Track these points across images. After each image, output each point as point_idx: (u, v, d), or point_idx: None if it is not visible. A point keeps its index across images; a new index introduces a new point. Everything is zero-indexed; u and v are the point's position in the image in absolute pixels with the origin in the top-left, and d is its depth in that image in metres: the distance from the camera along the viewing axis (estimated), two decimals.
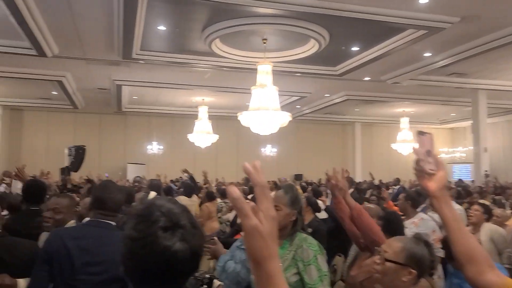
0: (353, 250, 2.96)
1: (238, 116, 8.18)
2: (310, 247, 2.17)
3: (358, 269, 2.60)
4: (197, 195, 7.33)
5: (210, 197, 6.71)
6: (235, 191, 0.82)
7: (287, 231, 2.21)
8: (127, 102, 14.90)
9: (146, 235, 0.98)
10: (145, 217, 1.00)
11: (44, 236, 2.68)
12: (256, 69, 8.23)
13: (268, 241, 0.82)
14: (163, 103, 15.38)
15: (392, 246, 1.77)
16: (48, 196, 3.68)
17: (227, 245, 3.93)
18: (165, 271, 0.98)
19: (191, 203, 6.44)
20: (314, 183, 12.97)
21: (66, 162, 13.65)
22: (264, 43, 8.22)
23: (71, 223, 2.55)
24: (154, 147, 17.45)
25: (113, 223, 2.17)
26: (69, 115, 16.83)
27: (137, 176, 7.01)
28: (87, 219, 2.38)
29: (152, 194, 4.12)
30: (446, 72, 10.68)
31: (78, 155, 13.87)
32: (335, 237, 4.27)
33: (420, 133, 1.36)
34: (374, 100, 14.21)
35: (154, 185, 4.98)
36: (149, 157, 17.42)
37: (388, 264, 1.72)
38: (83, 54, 9.42)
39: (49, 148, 16.58)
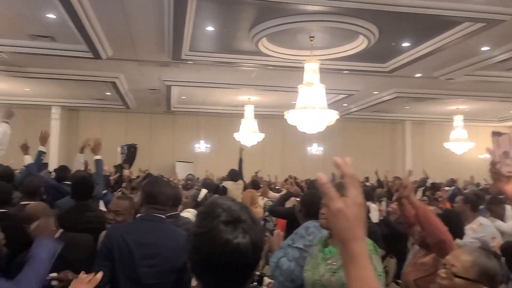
0: (411, 255, 2.86)
1: (285, 115, 8.16)
2: None
3: (413, 267, 2.50)
4: (242, 180, 7.46)
5: (255, 185, 6.86)
6: (322, 177, 0.91)
7: None
8: (176, 102, 15.30)
9: (209, 229, 1.02)
10: (208, 214, 1.05)
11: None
12: (302, 67, 8.17)
13: (352, 223, 0.89)
14: (210, 102, 15.64)
15: (461, 259, 1.65)
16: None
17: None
18: (229, 264, 1.01)
19: (236, 186, 6.60)
20: (362, 182, 12.69)
21: (119, 160, 14.25)
22: (311, 40, 8.13)
23: None
24: (201, 146, 17.79)
25: (164, 217, 2.24)
26: (122, 115, 17.53)
27: (189, 174, 7.20)
28: (139, 214, 2.45)
29: (203, 191, 4.25)
30: (506, 66, 10.06)
31: (130, 153, 14.46)
32: (388, 243, 4.19)
33: (496, 134, 1.26)
34: (425, 97, 13.65)
35: (208, 183, 5.14)
36: (197, 156, 17.78)
37: (457, 280, 1.61)
38: (135, 56, 9.78)
39: (103, 146, 17.31)
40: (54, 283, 2.15)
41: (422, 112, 17.24)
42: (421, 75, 10.93)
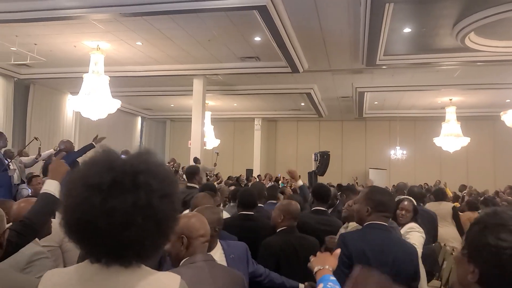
0: None
1: (502, 116, 7.13)
2: None
3: None
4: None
5: (471, 207, 6.03)
6: None
7: None
8: (368, 107, 15.11)
9: None
10: (505, 226, 1.03)
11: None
12: None
13: None
14: (405, 106, 14.89)
15: None
16: None
17: None
18: None
19: (437, 206, 5.81)
20: None
21: (313, 167, 14.86)
22: None
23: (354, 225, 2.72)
24: (397, 152, 17.04)
25: (387, 224, 2.25)
26: (314, 124, 18.30)
27: (401, 183, 6.86)
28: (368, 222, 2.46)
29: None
30: None
31: (323, 160, 14.87)
32: None
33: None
34: None
35: (415, 192, 4.88)
36: (391, 162, 17.14)
37: None
38: (328, 67, 10.10)
39: (298, 153, 18.46)
40: None
41: None
42: None
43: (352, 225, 2.85)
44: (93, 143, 6.34)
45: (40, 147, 6.98)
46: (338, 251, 1.73)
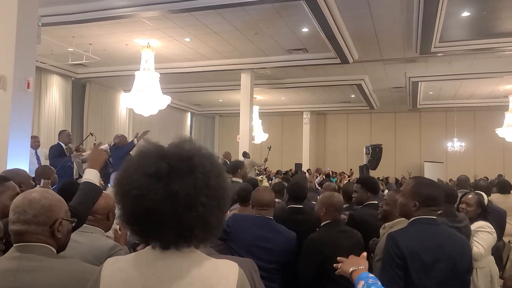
0: None
1: None
2: None
3: None
4: None
5: None
6: None
7: None
8: (422, 98, 14.44)
9: None
10: None
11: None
12: None
13: None
14: (462, 96, 14.06)
15: None
16: None
17: None
18: None
19: (504, 199, 5.50)
20: None
21: (364, 161, 14.44)
22: None
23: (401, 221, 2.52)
24: (455, 144, 16.14)
25: (436, 218, 2.08)
26: (365, 116, 17.78)
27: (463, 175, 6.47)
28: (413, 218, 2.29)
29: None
30: None
31: (375, 153, 14.39)
32: None
33: None
34: None
35: (481, 185, 4.56)
36: (448, 155, 16.29)
37: None
38: (380, 56, 9.71)
39: (348, 147, 18.05)
40: None
41: None
42: None
43: (388, 225, 2.65)
44: (133, 140, 6.54)
45: (95, 143, 7.27)
46: (365, 254, 1.67)
